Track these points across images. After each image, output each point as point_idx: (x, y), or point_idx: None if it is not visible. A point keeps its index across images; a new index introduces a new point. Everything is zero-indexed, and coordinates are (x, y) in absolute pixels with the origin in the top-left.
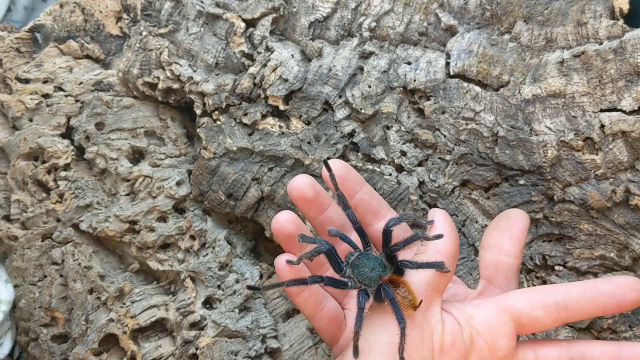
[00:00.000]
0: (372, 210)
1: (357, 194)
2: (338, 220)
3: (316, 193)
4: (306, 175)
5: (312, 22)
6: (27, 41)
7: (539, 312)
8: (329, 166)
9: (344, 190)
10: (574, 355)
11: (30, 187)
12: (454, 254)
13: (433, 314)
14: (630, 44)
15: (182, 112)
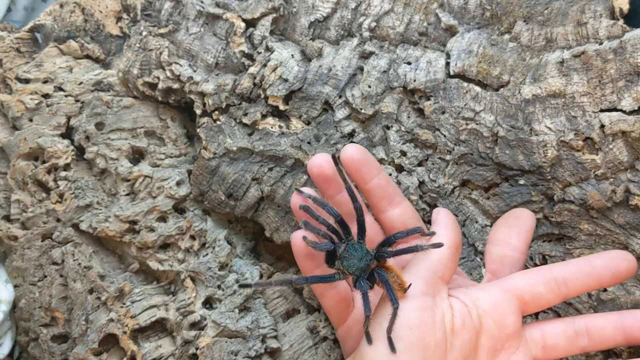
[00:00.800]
0: (387, 196)
1: (374, 179)
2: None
3: (335, 172)
4: (326, 154)
5: (312, 22)
6: (27, 41)
7: (541, 289)
8: (336, 160)
9: (361, 174)
10: (579, 328)
11: (30, 187)
12: (457, 245)
13: (441, 299)
14: (630, 44)
15: (182, 112)
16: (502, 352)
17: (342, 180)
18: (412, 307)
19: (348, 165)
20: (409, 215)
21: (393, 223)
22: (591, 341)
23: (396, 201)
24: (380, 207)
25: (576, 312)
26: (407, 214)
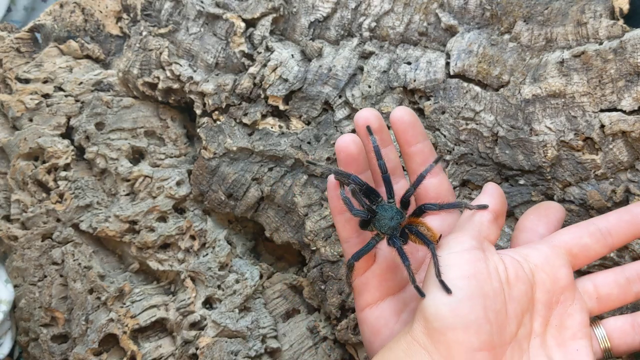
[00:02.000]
0: (429, 163)
1: (419, 143)
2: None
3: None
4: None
5: (312, 22)
6: (27, 41)
7: (587, 240)
8: (370, 130)
9: (407, 136)
10: (629, 275)
11: (30, 187)
12: (500, 211)
13: (491, 253)
14: (630, 44)
15: (182, 112)
16: (558, 305)
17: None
18: (465, 259)
19: (397, 126)
20: (444, 188)
21: (428, 192)
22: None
23: (435, 171)
24: (418, 173)
25: None
26: (444, 187)
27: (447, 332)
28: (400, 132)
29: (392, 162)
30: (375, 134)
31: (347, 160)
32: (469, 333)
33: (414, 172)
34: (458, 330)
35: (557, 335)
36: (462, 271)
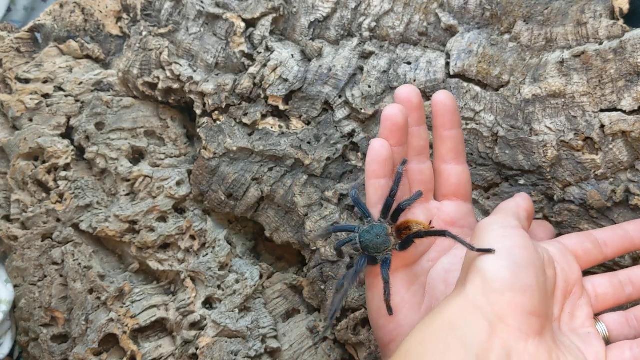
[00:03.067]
0: (457, 151)
1: (454, 129)
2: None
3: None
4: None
5: (312, 22)
6: (27, 41)
7: (589, 245)
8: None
9: (445, 120)
10: (622, 279)
11: (30, 187)
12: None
13: None
14: (630, 44)
15: (182, 112)
16: (570, 296)
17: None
18: (516, 233)
19: (437, 108)
20: (466, 179)
21: (450, 179)
22: (635, 289)
23: (461, 160)
24: (446, 158)
25: None
26: (465, 177)
27: (506, 292)
28: (439, 115)
29: (423, 141)
30: (413, 111)
31: (392, 129)
32: (525, 296)
33: (442, 156)
34: (517, 292)
35: (569, 322)
36: (516, 242)
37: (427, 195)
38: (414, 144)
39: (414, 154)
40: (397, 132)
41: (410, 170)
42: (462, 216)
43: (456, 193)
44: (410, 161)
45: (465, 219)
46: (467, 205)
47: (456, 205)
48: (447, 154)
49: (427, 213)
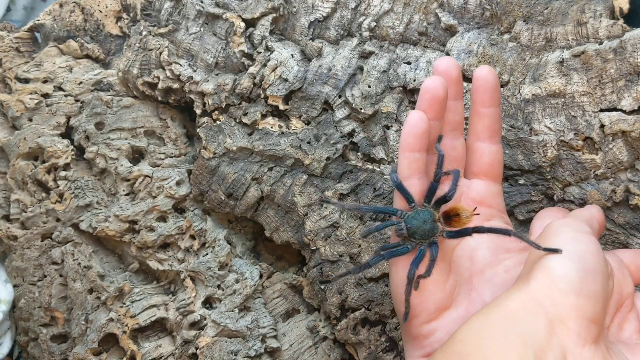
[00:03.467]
0: (493, 130)
1: (492, 107)
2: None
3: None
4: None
5: (312, 22)
6: (27, 41)
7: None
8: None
9: (485, 97)
10: None
11: (30, 187)
12: (601, 221)
13: None
14: (630, 44)
15: (182, 112)
16: (622, 309)
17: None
18: (588, 239)
19: (479, 83)
20: (499, 159)
21: (483, 157)
22: None
23: (496, 139)
24: (481, 136)
25: None
26: (498, 157)
27: (571, 295)
28: (480, 92)
29: (459, 116)
30: (452, 85)
31: (432, 102)
32: (590, 303)
33: (477, 133)
34: (582, 297)
35: (617, 333)
36: (588, 247)
37: None
38: (449, 118)
39: (448, 129)
40: (436, 106)
41: (443, 145)
42: (490, 196)
43: (487, 173)
44: (445, 136)
45: (493, 199)
46: (497, 186)
47: (486, 185)
48: (483, 132)
49: (457, 191)
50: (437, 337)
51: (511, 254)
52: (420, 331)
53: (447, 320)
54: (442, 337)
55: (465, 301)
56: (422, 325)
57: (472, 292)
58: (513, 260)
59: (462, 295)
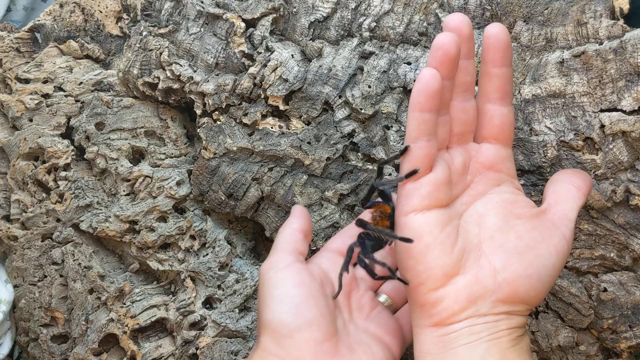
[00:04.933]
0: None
1: (504, 67)
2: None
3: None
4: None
5: (312, 22)
6: (27, 41)
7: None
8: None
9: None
10: None
11: (30, 187)
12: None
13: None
14: (630, 44)
15: (182, 112)
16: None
17: None
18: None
19: (489, 41)
20: (509, 122)
21: (493, 120)
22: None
23: (507, 101)
24: (491, 97)
25: (576, 312)
26: (509, 120)
27: (294, 334)
28: (491, 50)
29: (470, 76)
30: (463, 42)
31: (443, 60)
32: (312, 329)
33: (487, 94)
34: (303, 329)
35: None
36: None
37: (467, 136)
38: (460, 79)
39: (459, 90)
40: (448, 64)
41: (453, 107)
42: (500, 160)
43: (497, 136)
44: (455, 98)
45: (503, 163)
46: (507, 150)
47: (496, 149)
48: (493, 93)
49: (465, 155)
50: (445, 305)
51: (522, 219)
52: (427, 299)
53: (456, 287)
54: (450, 304)
55: (475, 267)
56: (428, 292)
57: (482, 258)
58: (525, 226)
59: (471, 261)
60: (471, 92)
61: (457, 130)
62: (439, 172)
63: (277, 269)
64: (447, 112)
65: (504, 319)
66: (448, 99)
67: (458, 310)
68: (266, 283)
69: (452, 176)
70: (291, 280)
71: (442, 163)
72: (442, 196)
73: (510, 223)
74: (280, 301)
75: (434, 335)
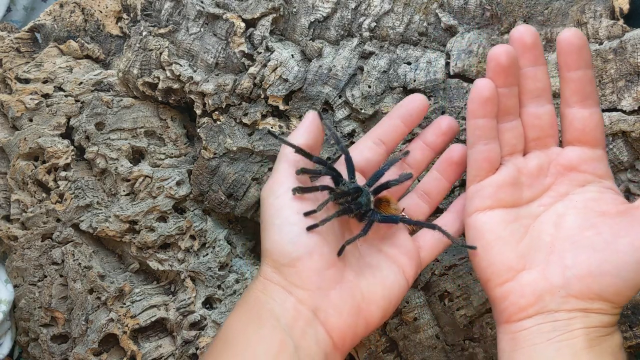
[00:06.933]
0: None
1: (578, 70)
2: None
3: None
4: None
5: (312, 22)
6: (27, 41)
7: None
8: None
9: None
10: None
11: (30, 187)
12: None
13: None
14: (630, 44)
15: (182, 112)
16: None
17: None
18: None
19: (561, 46)
20: (593, 124)
21: (574, 123)
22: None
23: (587, 103)
24: (569, 101)
25: None
26: (592, 122)
27: (295, 263)
28: (562, 54)
29: (540, 82)
30: (527, 51)
31: (496, 70)
32: (313, 258)
33: (565, 99)
34: (304, 258)
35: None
36: (292, 209)
37: (546, 140)
38: (528, 86)
39: (530, 97)
40: (501, 73)
41: (525, 115)
42: (584, 162)
43: (580, 139)
44: (526, 105)
45: (588, 164)
46: (594, 151)
47: (579, 151)
48: (570, 97)
49: (543, 159)
50: (511, 300)
51: (606, 216)
52: (495, 294)
53: (521, 282)
54: (516, 299)
55: (543, 263)
56: (495, 287)
57: (552, 255)
58: (607, 222)
59: (540, 257)
60: (544, 98)
61: (532, 136)
62: (503, 174)
63: (277, 196)
64: (516, 118)
65: (580, 316)
66: (511, 105)
67: (525, 306)
68: (266, 210)
69: (524, 179)
70: (290, 208)
71: (509, 166)
72: (506, 197)
73: (590, 221)
74: (279, 230)
75: (507, 332)
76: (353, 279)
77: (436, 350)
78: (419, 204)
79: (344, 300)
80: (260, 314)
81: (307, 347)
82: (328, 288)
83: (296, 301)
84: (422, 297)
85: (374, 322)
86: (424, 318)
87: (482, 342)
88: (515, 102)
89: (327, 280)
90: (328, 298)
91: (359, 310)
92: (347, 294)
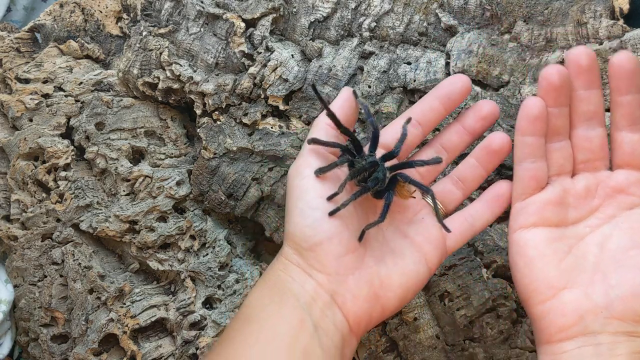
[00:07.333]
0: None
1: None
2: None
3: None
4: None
5: (312, 22)
6: (27, 41)
7: None
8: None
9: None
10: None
11: (30, 187)
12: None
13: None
14: (630, 44)
15: (182, 112)
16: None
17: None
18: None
19: (612, 69)
20: None
21: (623, 146)
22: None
23: (637, 128)
24: (619, 125)
25: None
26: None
27: (315, 248)
28: (614, 78)
29: (593, 106)
30: (581, 74)
31: (548, 89)
32: (333, 243)
33: (615, 122)
34: (324, 243)
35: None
36: (316, 192)
37: (595, 163)
38: (581, 108)
39: (581, 120)
40: (552, 93)
41: (575, 137)
42: (631, 184)
43: (629, 162)
44: (577, 127)
45: (636, 187)
46: None
47: (627, 174)
48: (620, 121)
49: (592, 181)
50: (551, 318)
51: None
52: (535, 312)
53: (562, 300)
54: (557, 317)
55: (585, 282)
56: (536, 305)
57: (596, 275)
58: None
59: (584, 277)
60: (597, 121)
61: (581, 158)
62: (549, 193)
63: (302, 177)
64: (565, 138)
65: (624, 341)
66: (561, 125)
67: (565, 325)
68: (292, 192)
69: (571, 199)
70: (314, 191)
71: (555, 186)
72: (551, 215)
73: (636, 241)
74: (302, 214)
75: (547, 354)
76: (372, 265)
77: (436, 350)
78: (452, 191)
79: (361, 287)
80: (282, 293)
81: (325, 327)
82: (346, 274)
83: (316, 284)
84: (422, 297)
85: (390, 308)
86: (424, 318)
87: (482, 342)
88: (565, 122)
89: (345, 266)
90: (346, 283)
91: (375, 297)
92: (364, 280)
